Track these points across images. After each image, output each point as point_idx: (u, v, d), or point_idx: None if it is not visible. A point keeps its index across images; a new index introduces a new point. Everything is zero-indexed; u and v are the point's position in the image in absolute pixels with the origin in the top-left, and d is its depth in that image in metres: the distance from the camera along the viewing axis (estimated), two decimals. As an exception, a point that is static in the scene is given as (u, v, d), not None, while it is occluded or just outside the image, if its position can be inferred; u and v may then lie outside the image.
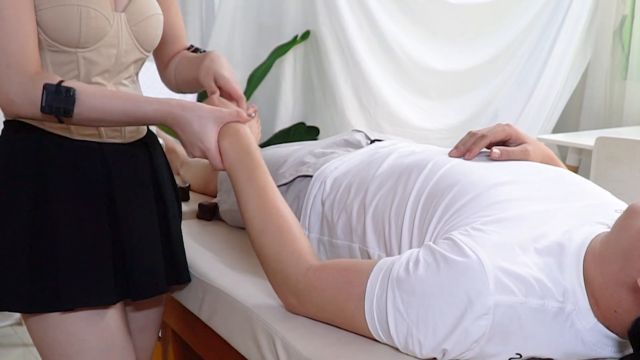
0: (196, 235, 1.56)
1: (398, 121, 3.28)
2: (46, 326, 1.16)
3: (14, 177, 1.15)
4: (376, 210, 1.16)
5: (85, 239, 1.16)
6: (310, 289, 1.04)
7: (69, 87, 1.07)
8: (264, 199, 1.12)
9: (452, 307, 0.88)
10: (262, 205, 1.12)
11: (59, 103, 1.06)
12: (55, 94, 1.06)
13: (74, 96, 1.07)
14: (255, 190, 1.13)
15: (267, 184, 1.14)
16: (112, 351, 1.21)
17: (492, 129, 1.21)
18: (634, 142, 2.41)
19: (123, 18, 1.17)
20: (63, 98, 1.06)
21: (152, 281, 1.24)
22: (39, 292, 1.12)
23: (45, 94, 1.06)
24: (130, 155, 1.25)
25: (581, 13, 3.54)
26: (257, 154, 1.17)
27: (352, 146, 1.45)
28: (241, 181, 1.14)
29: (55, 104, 1.06)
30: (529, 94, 3.56)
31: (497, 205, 1.00)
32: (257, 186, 1.13)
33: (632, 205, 0.91)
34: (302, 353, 1.00)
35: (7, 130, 1.19)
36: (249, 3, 3.03)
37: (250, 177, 1.14)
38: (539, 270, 0.90)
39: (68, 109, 1.07)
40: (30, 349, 2.55)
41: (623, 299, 0.88)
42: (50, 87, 1.06)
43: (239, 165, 1.15)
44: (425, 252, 0.94)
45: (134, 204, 1.23)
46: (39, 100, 1.06)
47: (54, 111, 1.07)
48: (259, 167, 1.15)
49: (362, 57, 3.12)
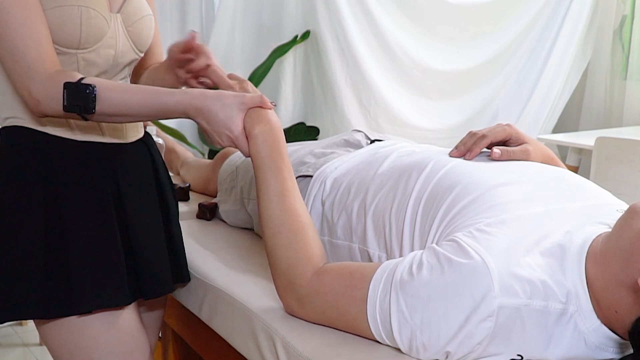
0: (196, 235, 1.56)
1: (398, 121, 3.28)
2: (65, 332, 1.16)
3: (24, 183, 1.14)
4: (376, 211, 1.16)
5: (97, 241, 1.15)
6: (313, 295, 1.04)
7: (88, 84, 1.05)
8: (286, 202, 1.10)
9: (457, 310, 0.88)
10: (283, 207, 1.10)
11: (80, 101, 1.05)
12: (76, 92, 1.05)
13: (94, 93, 1.05)
14: (281, 191, 1.10)
15: (292, 187, 1.12)
16: (134, 353, 1.21)
17: (492, 129, 1.21)
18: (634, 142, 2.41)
19: (119, 19, 1.17)
20: (84, 96, 1.05)
21: (162, 280, 1.25)
22: (53, 297, 1.11)
23: (66, 92, 1.05)
24: (133, 156, 1.25)
25: (581, 13, 3.54)
26: (286, 152, 1.14)
27: (352, 146, 1.45)
28: (267, 179, 1.11)
29: (76, 102, 1.05)
30: (529, 94, 3.57)
31: (498, 207, 1.00)
32: (282, 188, 1.10)
33: (633, 205, 0.91)
34: (302, 353, 0.99)
35: (10, 136, 1.17)
36: (249, 3, 3.03)
37: (277, 177, 1.11)
38: (542, 271, 0.90)
39: (89, 106, 1.05)
40: (31, 348, 2.55)
41: (623, 299, 0.88)
42: (70, 86, 1.05)
43: (268, 161, 1.11)
44: (428, 255, 0.94)
45: (139, 204, 1.23)
46: (62, 99, 1.05)
47: (75, 109, 1.06)
48: (287, 168, 1.12)
49: (362, 57, 3.12)
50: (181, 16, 2.99)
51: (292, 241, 1.08)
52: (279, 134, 1.13)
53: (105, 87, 1.07)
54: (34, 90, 1.06)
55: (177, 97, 1.09)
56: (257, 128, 1.11)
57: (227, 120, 1.09)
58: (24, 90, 1.07)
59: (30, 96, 1.06)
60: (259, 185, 1.12)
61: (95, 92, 1.05)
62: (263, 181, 1.11)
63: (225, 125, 1.09)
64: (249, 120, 1.11)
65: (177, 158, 2.07)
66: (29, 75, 1.06)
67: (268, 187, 1.11)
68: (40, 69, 1.06)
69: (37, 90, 1.06)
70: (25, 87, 1.06)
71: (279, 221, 1.09)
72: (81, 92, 1.05)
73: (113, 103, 1.07)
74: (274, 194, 1.10)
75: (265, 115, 1.12)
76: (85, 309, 1.13)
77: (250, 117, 1.11)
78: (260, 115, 1.12)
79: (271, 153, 1.11)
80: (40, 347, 2.52)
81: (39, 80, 1.06)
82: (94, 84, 1.06)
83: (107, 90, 1.07)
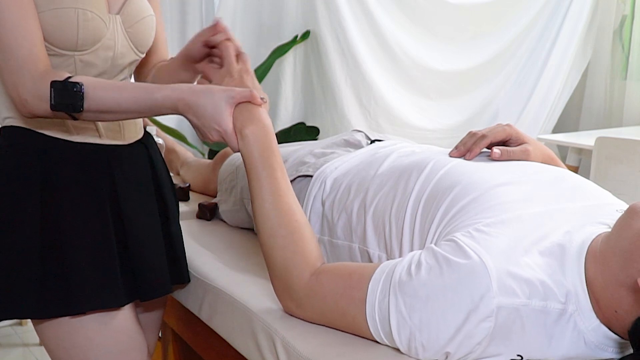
0: (196, 235, 1.56)
1: (398, 121, 3.28)
2: (62, 332, 1.16)
3: (21, 184, 1.14)
4: (376, 211, 1.16)
5: (93, 242, 1.15)
6: (311, 296, 1.04)
7: (75, 82, 1.05)
8: (281, 203, 1.09)
9: (456, 310, 0.88)
10: (278, 208, 1.09)
11: (68, 99, 1.04)
12: (63, 91, 1.04)
13: (81, 91, 1.05)
14: (275, 191, 1.09)
15: (287, 187, 1.11)
16: (130, 353, 1.21)
17: (492, 129, 1.21)
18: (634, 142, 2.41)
19: (118, 20, 1.17)
20: (71, 94, 1.04)
21: (159, 281, 1.24)
22: (49, 297, 1.12)
23: (54, 91, 1.04)
24: (131, 157, 1.25)
25: (581, 13, 3.54)
26: (278, 151, 1.13)
27: (352, 146, 1.45)
28: (260, 179, 1.10)
29: (64, 101, 1.04)
30: (529, 94, 3.57)
31: (498, 207, 1.00)
32: (276, 188, 1.09)
33: (633, 205, 0.91)
34: (302, 353, 0.99)
35: (8, 136, 1.17)
36: (249, 3, 3.03)
37: (270, 177, 1.10)
38: (542, 271, 0.90)
39: (77, 104, 1.05)
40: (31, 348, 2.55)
41: (623, 298, 0.88)
42: (57, 84, 1.05)
43: (261, 162, 1.10)
44: (427, 255, 0.94)
45: (137, 205, 1.23)
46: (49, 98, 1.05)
47: (63, 108, 1.05)
48: (279, 167, 1.11)
49: (362, 57, 3.12)
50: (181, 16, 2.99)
51: (288, 242, 1.07)
52: (270, 133, 1.12)
53: (93, 85, 1.06)
54: (23, 89, 1.05)
55: (165, 92, 1.08)
56: (248, 128, 1.09)
57: (216, 115, 1.08)
58: (12, 90, 1.07)
59: (18, 96, 1.06)
60: (252, 186, 1.11)
61: (83, 90, 1.05)
62: (256, 182, 1.10)
63: (215, 120, 1.08)
64: (240, 119, 1.10)
65: (177, 158, 2.07)
66: (19, 74, 1.05)
67: (262, 187, 1.10)
68: (31, 68, 1.05)
69: (25, 89, 1.05)
70: (14, 87, 1.06)
71: (274, 222, 1.08)
72: (69, 90, 1.04)
73: (101, 100, 1.06)
74: (268, 195, 1.09)
75: (256, 114, 1.10)
76: (81, 309, 1.14)
77: (241, 115, 1.10)
78: (251, 113, 1.10)
79: (263, 153, 1.10)
80: (40, 347, 2.52)
81: (29, 79, 1.05)
82: (81, 82, 1.05)
83: (94, 88, 1.06)
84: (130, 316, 1.22)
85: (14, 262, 1.12)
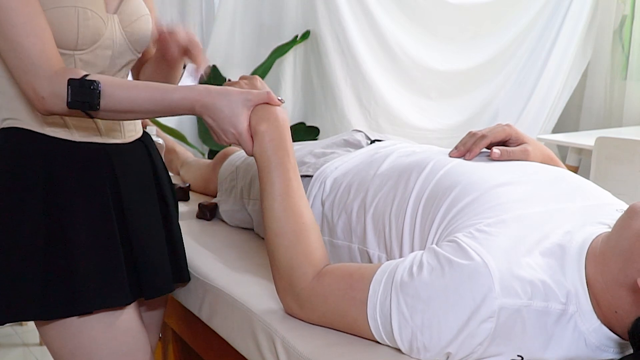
0: (196, 235, 1.56)
1: (398, 121, 3.28)
2: (67, 333, 1.15)
3: (24, 185, 1.13)
4: (376, 211, 1.16)
5: (97, 241, 1.15)
6: (313, 297, 1.04)
7: (92, 81, 1.05)
8: (290, 203, 1.08)
9: (458, 311, 0.88)
10: (287, 208, 1.08)
11: (84, 97, 1.04)
12: (80, 89, 1.04)
13: (98, 89, 1.05)
14: (285, 192, 1.09)
15: (298, 187, 1.10)
16: (135, 353, 1.21)
17: (492, 129, 1.21)
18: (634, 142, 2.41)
19: (116, 19, 1.17)
20: (88, 92, 1.04)
21: (162, 280, 1.24)
22: (54, 298, 1.11)
23: (70, 89, 1.04)
24: (132, 155, 1.25)
25: (581, 13, 3.54)
26: (292, 150, 1.12)
27: (352, 146, 1.45)
28: (272, 178, 1.09)
29: (80, 99, 1.04)
30: (529, 94, 3.57)
31: (498, 207, 1.00)
32: (287, 188, 1.09)
33: (633, 205, 0.91)
34: (302, 353, 1.00)
35: (8, 137, 1.17)
36: (249, 3, 3.03)
37: (282, 177, 1.09)
38: (543, 271, 0.90)
39: (93, 102, 1.05)
40: (31, 348, 2.55)
41: (623, 299, 0.88)
42: (74, 82, 1.04)
43: (274, 161, 1.09)
44: (429, 256, 0.94)
45: (139, 204, 1.23)
46: (66, 95, 1.04)
47: (79, 106, 1.05)
48: (292, 168, 1.10)
49: (362, 57, 3.12)
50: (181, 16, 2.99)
51: (293, 243, 1.07)
52: (286, 131, 1.11)
53: (110, 84, 1.07)
54: (39, 87, 1.05)
55: (182, 93, 1.08)
56: (263, 125, 1.09)
57: (233, 117, 1.07)
58: (28, 88, 1.06)
59: (35, 94, 1.06)
60: (263, 185, 1.10)
61: (100, 89, 1.05)
62: (268, 180, 1.10)
63: (231, 122, 1.07)
64: (255, 117, 1.09)
65: (177, 158, 2.07)
66: (34, 72, 1.05)
67: (273, 186, 1.09)
68: (45, 66, 1.05)
69: (42, 87, 1.05)
70: (30, 85, 1.06)
71: (282, 222, 1.08)
72: (85, 88, 1.04)
73: (117, 100, 1.06)
74: (278, 194, 1.09)
75: (272, 112, 1.10)
76: (86, 309, 1.13)
77: (257, 114, 1.09)
78: (267, 112, 1.10)
79: (277, 152, 1.09)
80: (40, 347, 2.52)
81: (44, 77, 1.05)
82: (98, 80, 1.05)
83: (111, 87, 1.06)
84: (135, 317, 1.22)
85: (17, 264, 1.11)
